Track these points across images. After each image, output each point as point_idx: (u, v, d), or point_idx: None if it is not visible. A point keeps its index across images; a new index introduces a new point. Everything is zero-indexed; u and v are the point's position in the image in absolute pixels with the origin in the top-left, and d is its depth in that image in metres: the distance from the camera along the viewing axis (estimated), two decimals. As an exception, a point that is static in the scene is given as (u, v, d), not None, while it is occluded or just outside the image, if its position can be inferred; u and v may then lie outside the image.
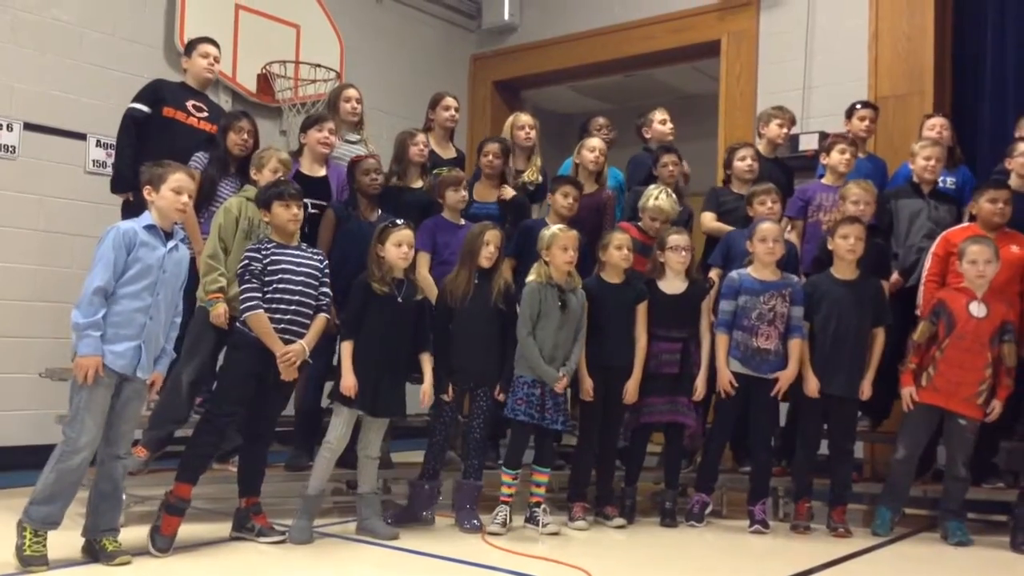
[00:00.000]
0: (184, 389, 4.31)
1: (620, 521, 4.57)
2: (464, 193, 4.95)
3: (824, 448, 4.73)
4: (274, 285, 3.99)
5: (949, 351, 4.42)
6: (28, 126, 5.87)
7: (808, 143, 6.50)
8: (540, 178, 5.49)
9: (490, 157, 5.22)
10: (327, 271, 4.19)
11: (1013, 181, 4.88)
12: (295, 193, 4.09)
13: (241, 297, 4.00)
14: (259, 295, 3.97)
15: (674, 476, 4.79)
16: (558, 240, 4.48)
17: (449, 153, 5.65)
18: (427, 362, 4.32)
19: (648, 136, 5.87)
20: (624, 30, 7.90)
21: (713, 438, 4.79)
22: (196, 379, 4.34)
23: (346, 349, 4.17)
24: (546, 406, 4.44)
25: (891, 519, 4.57)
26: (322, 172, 5.07)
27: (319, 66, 6.88)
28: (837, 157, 5.14)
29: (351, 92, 5.52)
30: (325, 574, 3.73)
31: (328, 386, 4.61)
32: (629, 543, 4.35)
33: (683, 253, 4.68)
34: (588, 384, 4.56)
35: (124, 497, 3.79)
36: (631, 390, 4.60)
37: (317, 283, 4.12)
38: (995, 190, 4.69)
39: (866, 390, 4.55)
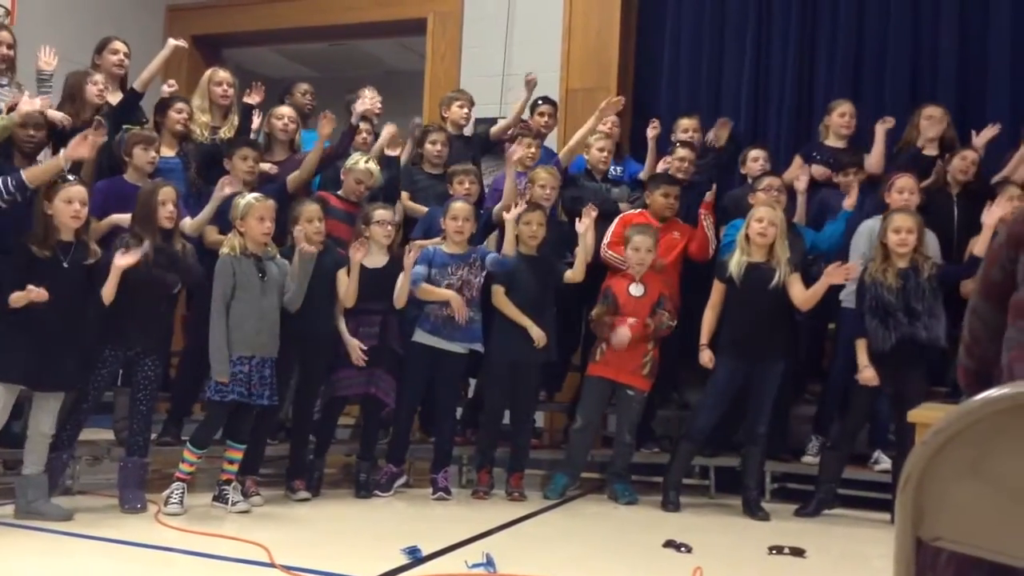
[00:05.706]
0: None
1: (305, 495, 4.56)
2: (155, 155, 4.65)
3: (507, 418, 5.00)
4: None
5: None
6: None
7: (504, 128, 6.74)
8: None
9: (184, 115, 5.09)
10: None
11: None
12: None
13: None
14: None
15: (370, 448, 4.84)
16: (254, 210, 4.32)
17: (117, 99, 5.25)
18: None
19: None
20: (329, -3, 7.76)
21: (402, 410, 4.89)
22: None
23: None
24: (252, 381, 4.28)
25: (565, 484, 4.91)
26: None
27: (-17, 0, 6.15)
28: (523, 152, 5.35)
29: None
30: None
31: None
32: (314, 516, 4.34)
33: (388, 228, 4.73)
34: None
35: None
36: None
37: None
38: (668, 185, 5.15)
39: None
